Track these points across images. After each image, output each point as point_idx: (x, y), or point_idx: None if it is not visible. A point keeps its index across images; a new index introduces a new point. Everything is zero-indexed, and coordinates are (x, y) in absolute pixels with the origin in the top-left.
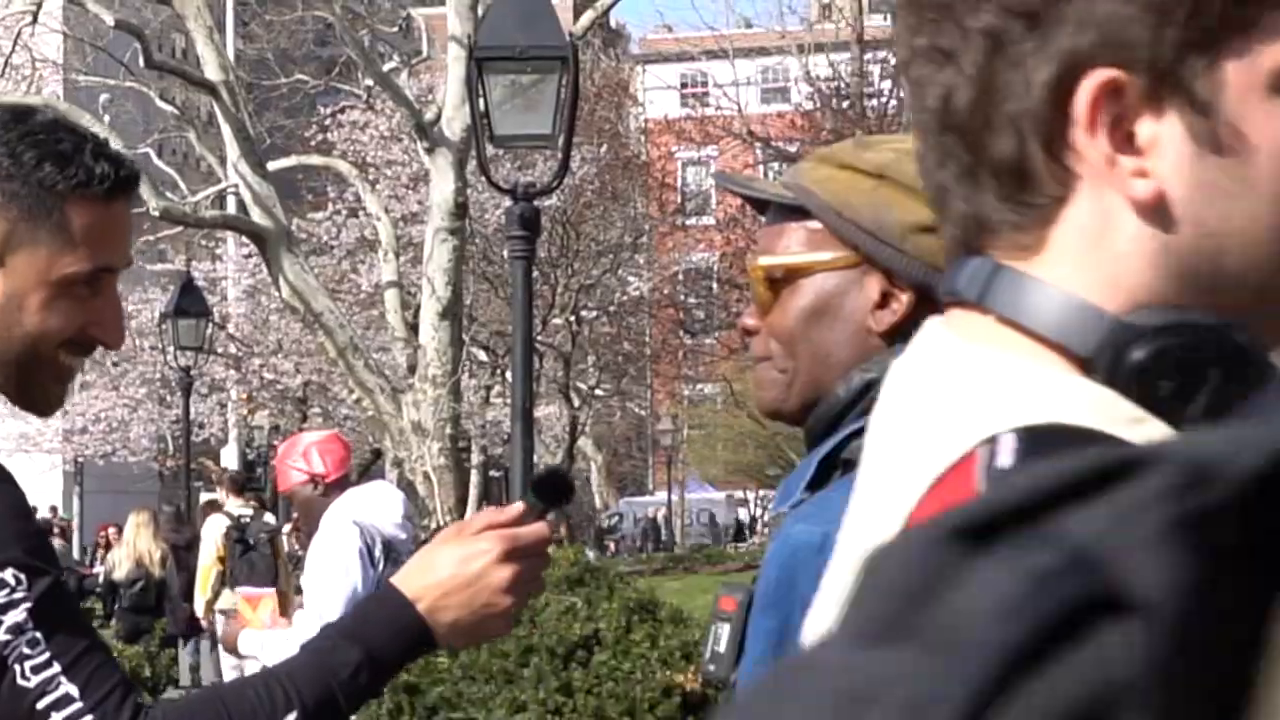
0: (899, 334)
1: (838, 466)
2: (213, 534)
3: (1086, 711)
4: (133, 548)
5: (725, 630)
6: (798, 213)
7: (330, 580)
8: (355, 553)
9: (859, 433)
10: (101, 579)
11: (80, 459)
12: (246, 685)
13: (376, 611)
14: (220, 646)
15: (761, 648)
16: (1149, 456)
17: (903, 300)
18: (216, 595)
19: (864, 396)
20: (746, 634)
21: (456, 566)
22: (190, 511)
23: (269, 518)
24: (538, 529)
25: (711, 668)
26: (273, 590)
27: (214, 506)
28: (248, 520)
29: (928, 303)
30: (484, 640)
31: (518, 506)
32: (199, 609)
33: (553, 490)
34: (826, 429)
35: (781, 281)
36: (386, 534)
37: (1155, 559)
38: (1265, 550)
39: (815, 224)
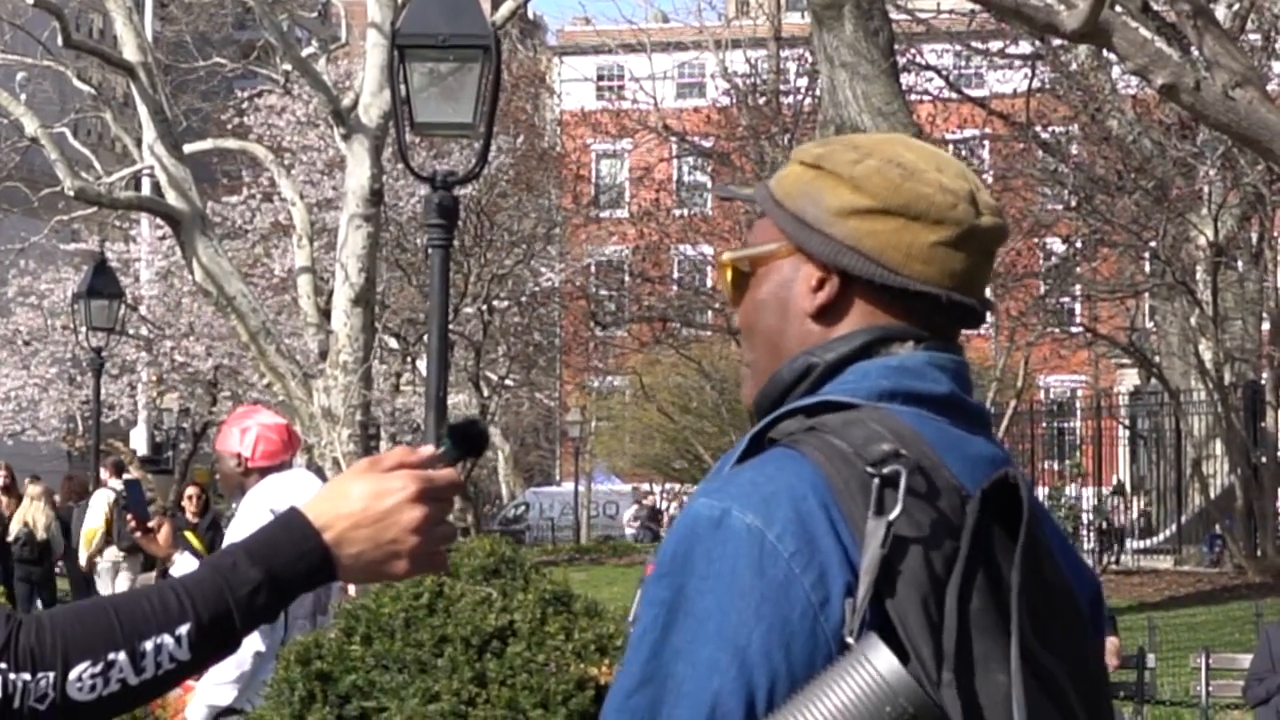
0: (832, 316)
1: (764, 445)
2: (100, 503)
3: None
4: (24, 514)
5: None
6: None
7: None
8: None
9: (791, 414)
10: None
11: None
12: (141, 595)
13: (281, 535)
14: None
15: (653, 615)
16: None
17: (833, 282)
18: (99, 552)
19: (803, 380)
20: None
21: (368, 501)
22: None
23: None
24: (449, 474)
25: (634, 629)
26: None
27: (115, 468)
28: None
29: (858, 285)
30: (383, 580)
31: (429, 449)
32: (82, 561)
33: (468, 439)
34: (770, 409)
35: (745, 275)
36: None
37: None
38: None
39: (768, 219)
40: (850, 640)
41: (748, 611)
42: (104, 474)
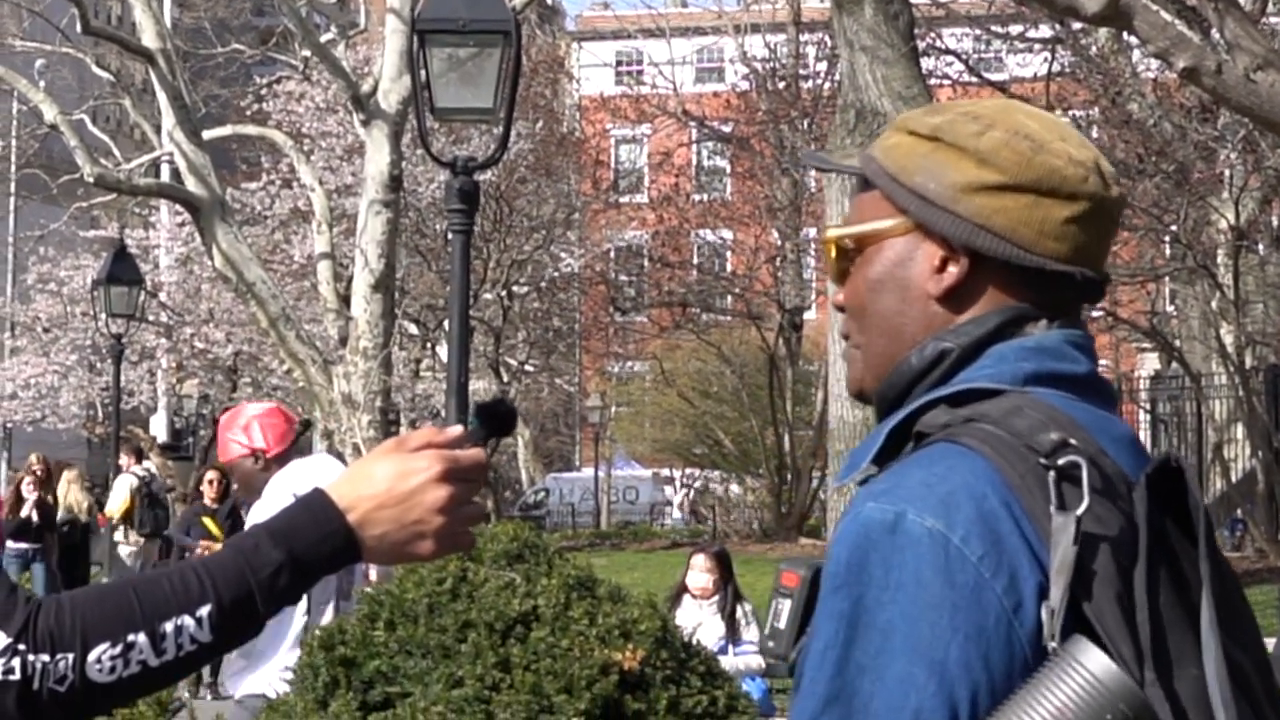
0: (961, 299)
1: (909, 439)
2: (123, 488)
3: None
4: (65, 499)
5: (786, 606)
6: (868, 183)
7: None
8: None
9: (933, 404)
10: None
11: (9, 425)
12: (163, 575)
13: (304, 516)
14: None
15: (833, 629)
16: None
17: (960, 263)
18: (124, 536)
19: (936, 366)
20: (813, 613)
21: (393, 481)
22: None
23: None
24: (476, 454)
25: (771, 644)
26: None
27: (135, 453)
28: (149, 478)
29: (989, 265)
30: (408, 561)
31: (457, 429)
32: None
33: (496, 419)
34: (897, 399)
35: (852, 252)
36: None
37: None
38: None
39: (877, 192)
40: (1052, 645)
41: (941, 622)
42: (124, 460)
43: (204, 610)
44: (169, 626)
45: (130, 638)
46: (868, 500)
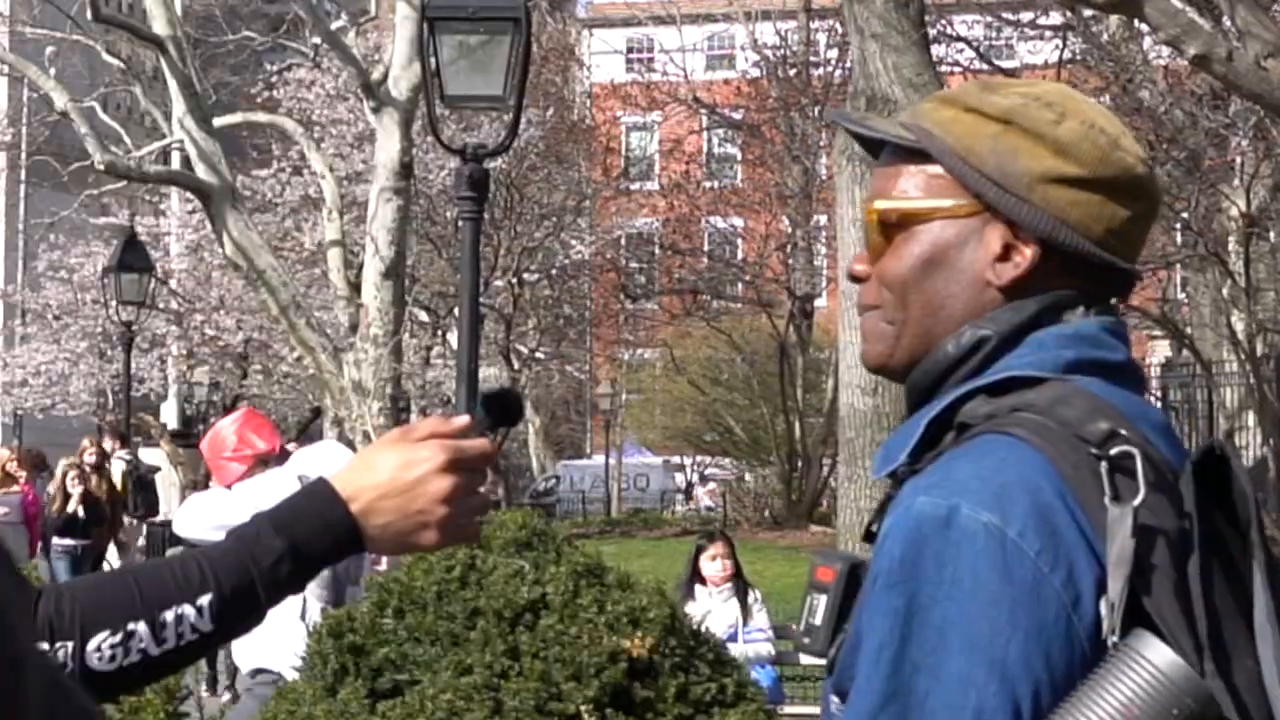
0: (1020, 289)
1: (950, 429)
2: (114, 473)
3: None
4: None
5: (822, 602)
6: (916, 155)
7: None
8: None
9: (973, 394)
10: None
11: (20, 412)
12: (164, 564)
13: (306, 505)
14: None
15: (888, 627)
16: None
17: (1026, 254)
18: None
19: (973, 354)
20: (853, 609)
21: (396, 470)
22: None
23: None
24: (481, 444)
25: (806, 640)
26: None
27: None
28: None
29: (1053, 258)
30: (412, 551)
31: (464, 419)
32: None
33: (502, 408)
34: (931, 387)
35: (896, 227)
36: None
37: None
38: None
39: (935, 168)
40: (1113, 640)
41: (1000, 619)
42: (109, 444)
43: (205, 599)
44: (169, 615)
45: (131, 626)
46: (919, 494)
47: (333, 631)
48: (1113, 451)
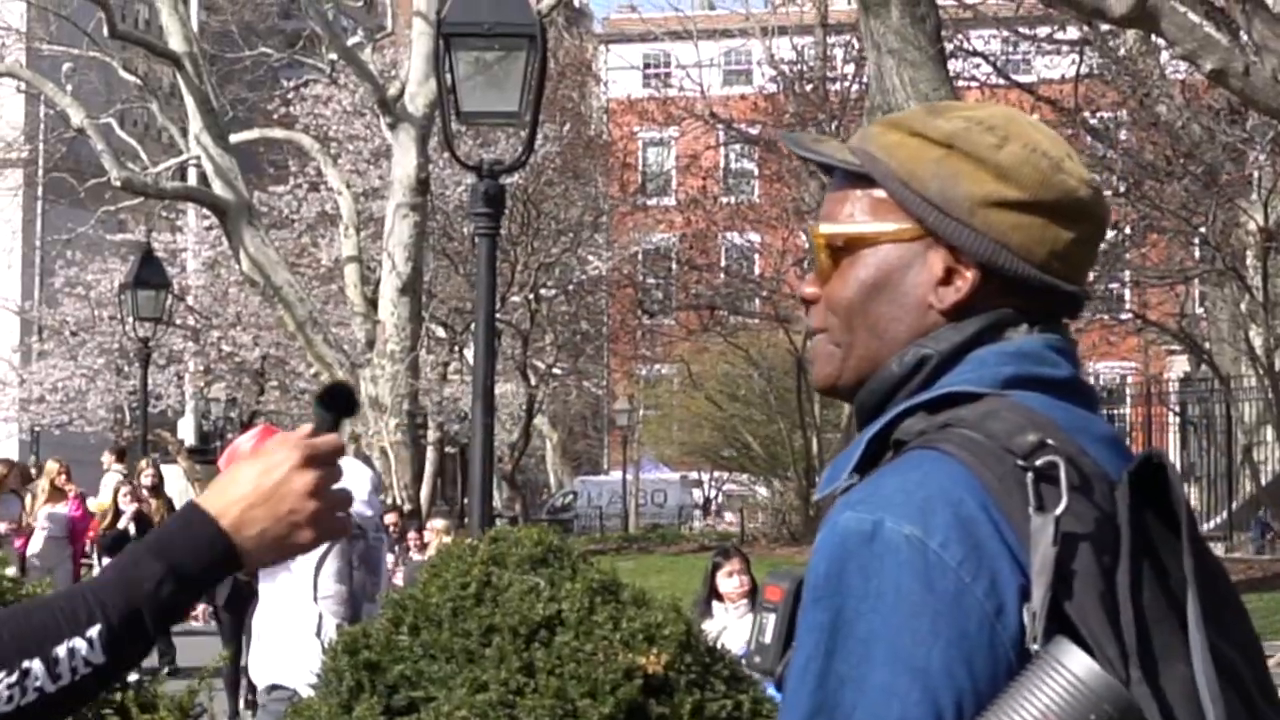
0: (962, 311)
1: (889, 448)
2: (108, 485)
3: None
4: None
5: (771, 620)
6: (863, 180)
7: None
8: None
9: (910, 411)
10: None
11: (37, 428)
12: (53, 600)
13: (180, 528)
14: None
15: (814, 641)
16: None
17: (968, 277)
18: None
19: (916, 373)
20: (795, 625)
21: (258, 478)
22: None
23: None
24: (331, 438)
25: (757, 659)
26: None
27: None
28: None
29: (994, 280)
30: (294, 554)
31: (306, 426)
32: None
33: (336, 399)
34: (877, 406)
35: (842, 250)
36: (354, 510)
37: None
38: None
39: (880, 192)
40: (1035, 648)
41: (922, 629)
42: (106, 458)
43: (94, 631)
44: (61, 650)
45: (25, 664)
46: (845, 510)
47: (348, 648)
48: (1038, 462)
